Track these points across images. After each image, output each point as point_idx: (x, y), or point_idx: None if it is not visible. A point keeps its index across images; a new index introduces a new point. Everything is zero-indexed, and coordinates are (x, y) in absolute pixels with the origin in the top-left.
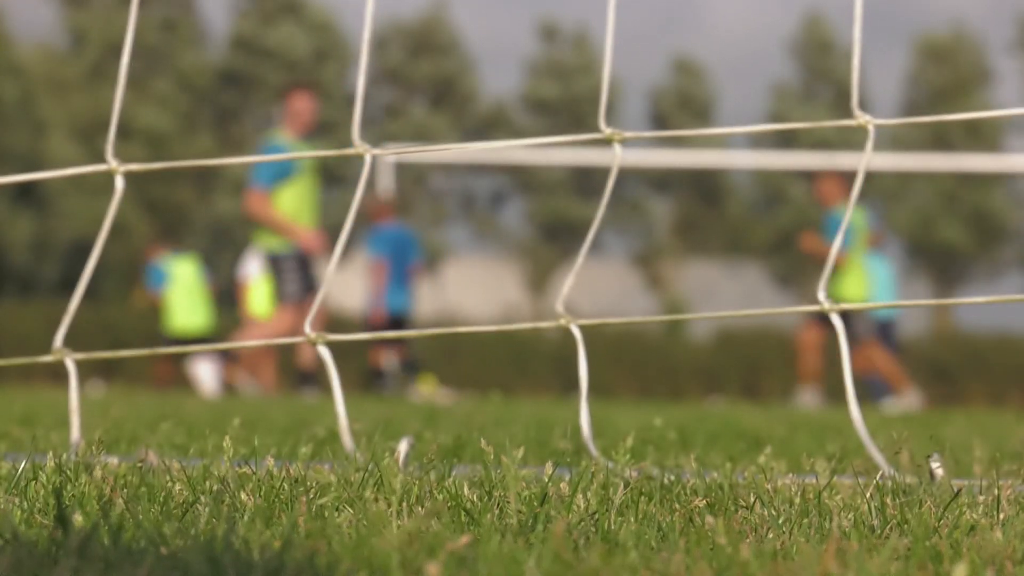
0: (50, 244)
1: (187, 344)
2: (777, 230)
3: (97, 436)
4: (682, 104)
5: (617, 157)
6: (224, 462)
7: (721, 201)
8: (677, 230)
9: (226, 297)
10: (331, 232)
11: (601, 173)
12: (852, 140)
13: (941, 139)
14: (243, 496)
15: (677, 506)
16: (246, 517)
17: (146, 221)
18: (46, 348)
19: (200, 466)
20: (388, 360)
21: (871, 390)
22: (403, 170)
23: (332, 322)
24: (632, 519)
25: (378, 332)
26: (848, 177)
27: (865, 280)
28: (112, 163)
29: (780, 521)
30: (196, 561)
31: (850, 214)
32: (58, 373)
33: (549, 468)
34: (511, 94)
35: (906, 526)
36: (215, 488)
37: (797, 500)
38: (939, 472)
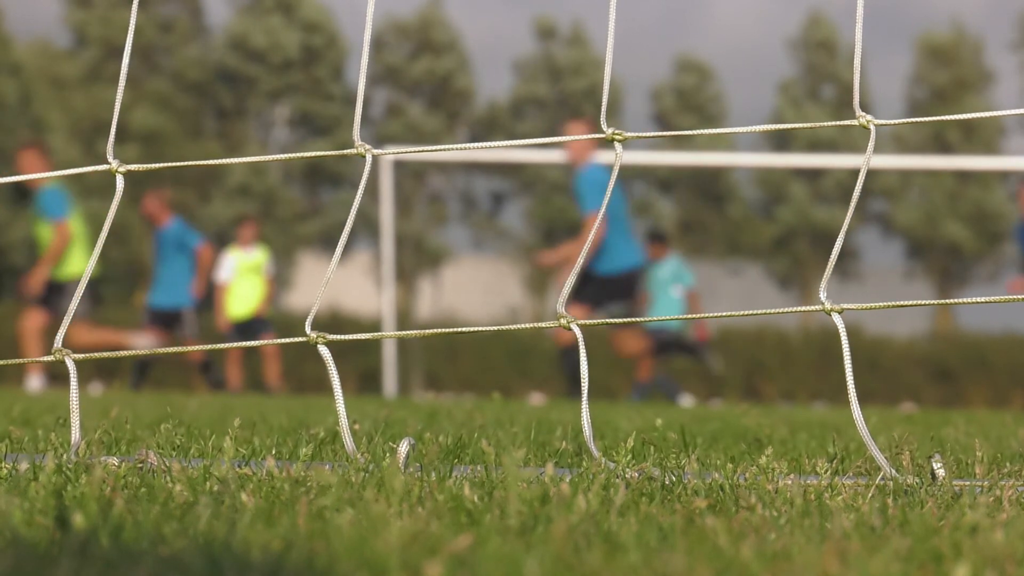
0: None
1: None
2: (778, 231)
3: (97, 436)
4: (685, 104)
5: (618, 157)
6: (224, 463)
7: (722, 202)
8: (678, 230)
9: None
10: (331, 231)
11: None
12: (854, 140)
13: (939, 139)
14: (243, 497)
15: (678, 507)
16: (246, 518)
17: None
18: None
19: (200, 467)
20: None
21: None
22: (402, 170)
23: (333, 322)
24: (633, 520)
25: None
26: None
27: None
28: (112, 163)
29: (781, 522)
30: (196, 562)
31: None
32: (55, 375)
33: (550, 469)
34: (509, 94)
35: (907, 527)
36: (215, 489)
37: (798, 501)
38: (940, 473)
